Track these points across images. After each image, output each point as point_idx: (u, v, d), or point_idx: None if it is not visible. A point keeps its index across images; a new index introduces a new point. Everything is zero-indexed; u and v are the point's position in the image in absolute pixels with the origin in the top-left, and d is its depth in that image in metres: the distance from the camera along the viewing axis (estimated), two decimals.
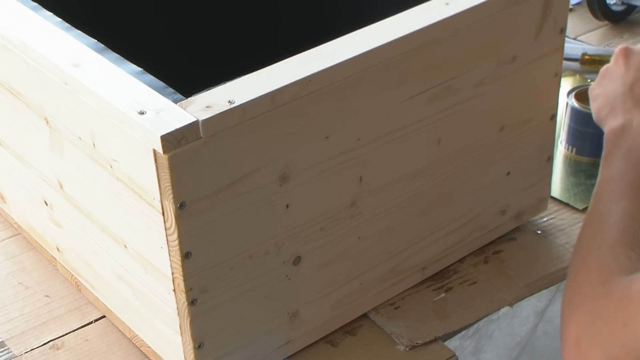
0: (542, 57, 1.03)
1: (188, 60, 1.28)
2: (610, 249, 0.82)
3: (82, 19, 0.94)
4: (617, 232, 0.84)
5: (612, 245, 0.83)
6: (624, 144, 0.92)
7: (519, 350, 1.11)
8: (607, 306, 0.77)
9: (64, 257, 1.09)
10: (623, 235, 0.83)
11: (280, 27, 1.34)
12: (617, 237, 0.83)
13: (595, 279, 0.81)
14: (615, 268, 0.80)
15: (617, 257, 0.81)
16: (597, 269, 0.81)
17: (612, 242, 0.83)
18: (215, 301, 0.87)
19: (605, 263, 0.81)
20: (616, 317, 0.75)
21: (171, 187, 0.79)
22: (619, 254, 0.81)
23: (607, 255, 0.82)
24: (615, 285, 0.78)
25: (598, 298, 0.79)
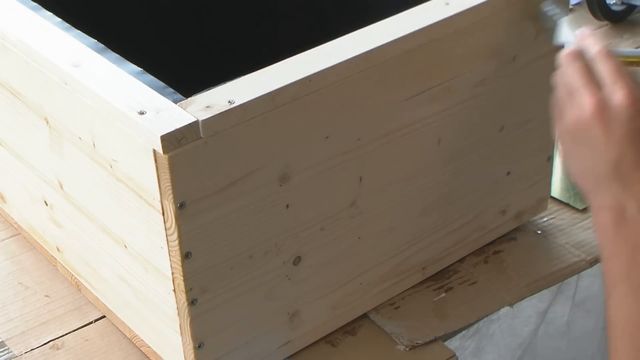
0: (542, 57, 1.03)
1: (188, 60, 1.28)
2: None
3: (82, 20, 0.94)
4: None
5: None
6: (622, 243, 0.77)
7: (520, 351, 1.11)
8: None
9: (64, 257, 1.09)
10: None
11: (280, 28, 1.34)
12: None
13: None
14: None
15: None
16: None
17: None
18: (215, 301, 0.87)
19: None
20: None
21: (171, 187, 0.79)
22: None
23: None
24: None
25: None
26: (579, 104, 0.79)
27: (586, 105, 0.78)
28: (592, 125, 0.78)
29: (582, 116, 0.78)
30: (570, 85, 0.80)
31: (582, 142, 0.79)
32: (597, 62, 0.80)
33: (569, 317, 1.16)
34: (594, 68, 0.80)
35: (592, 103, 0.78)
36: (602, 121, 0.77)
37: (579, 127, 0.79)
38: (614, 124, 0.77)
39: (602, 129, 0.77)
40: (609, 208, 0.77)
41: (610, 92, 0.78)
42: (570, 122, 0.80)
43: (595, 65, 0.80)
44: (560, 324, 1.14)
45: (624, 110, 0.77)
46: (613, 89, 0.78)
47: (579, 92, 0.79)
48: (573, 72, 0.81)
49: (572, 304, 1.15)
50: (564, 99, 0.81)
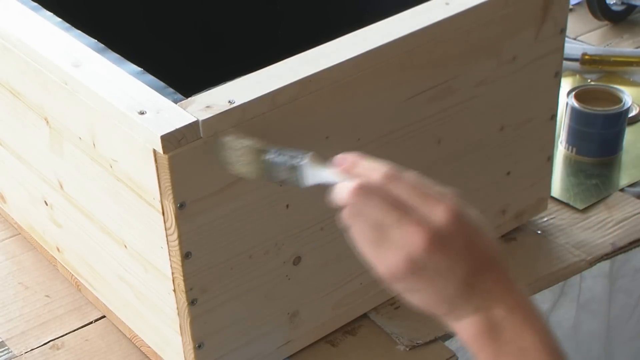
0: (542, 57, 1.03)
1: (188, 60, 1.28)
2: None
3: (82, 20, 0.94)
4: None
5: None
6: (507, 353, 0.70)
7: None
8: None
9: (64, 257, 1.09)
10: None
11: (280, 28, 1.34)
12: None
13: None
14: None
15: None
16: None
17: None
18: (215, 301, 0.87)
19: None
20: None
21: (171, 187, 0.79)
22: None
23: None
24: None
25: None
26: (402, 241, 0.67)
27: (414, 239, 0.67)
28: (430, 255, 0.67)
29: (413, 251, 0.67)
30: (378, 224, 0.68)
31: (423, 275, 0.68)
32: (391, 189, 0.69)
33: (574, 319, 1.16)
34: (393, 196, 0.68)
35: (420, 234, 0.67)
36: (438, 247, 0.67)
37: (414, 264, 0.68)
38: (450, 244, 0.68)
39: (441, 254, 0.68)
40: (476, 324, 0.70)
41: (427, 214, 0.68)
42: (400, 263, 0.68)
43: (392, 193, 0.68)
44: (567, 327, 1.14)
45: (452, 225, 0.68)
46: (430, 209, 0.68)
47: (396, 229, 0.67)
48: (376, 210, 0.68)
49: (577, 307, 1.15)
50: (373, 242, 0.69)
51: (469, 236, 0.69)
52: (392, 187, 0.69)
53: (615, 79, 1.46)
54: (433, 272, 0.68)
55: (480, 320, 0.70)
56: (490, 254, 0.70)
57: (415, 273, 0.68)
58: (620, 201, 1.21)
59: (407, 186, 0.69)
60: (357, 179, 0.69)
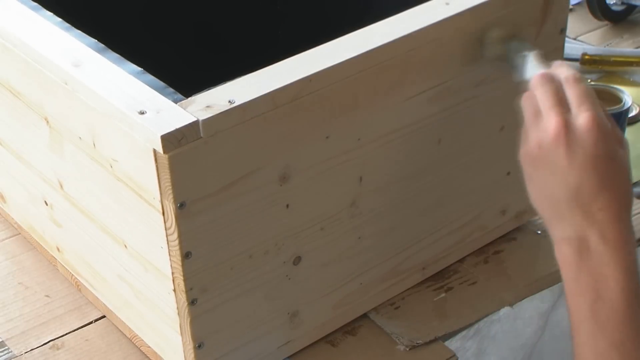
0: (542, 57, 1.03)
1: (188, 60, 1.28)
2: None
3: (82, 20, 0.94)
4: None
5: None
6: (585, 279, 0.75)
7: (523, 352, 1.11)
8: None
9: (64, 257, 1.09)
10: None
11: (280, 28, 1.34)
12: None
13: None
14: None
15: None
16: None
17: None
18: (215, 301, 0.87)
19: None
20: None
21: (171, 187, 0.79)
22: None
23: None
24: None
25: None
26: (543, 125, 0.76)
27: (550, 127, 0.75)
28: (554, 148, 0.75)
29: (544, 138, 0.76)
30: (537, 107, 0.78)
31: (543, 165, 0.76)
32: (567, 86, 0.78)
33: None
34: (564, 91, 0.78)
35: (555, 124, 0.75)
36: (564, 143, 0.74)
37: (541, 149, 0.76)
38: (576, 148, 0.74)
39: (564, 151, 0.74)
40: (571, 240, 0.75)
41: (575, 115, 0.76)
42: (532, 144, 0.77)
43: (565, 89, 0.78)
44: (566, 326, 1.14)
45: (587, 133, 0.74)
46: (578, 112, 0.76)
47: (545, 114, 0.77)
48: (542, 94, 0.78)
49: None
50: (529, 121, 0.79)
51: (598, 151, 0.74)
52: (570, 86, 0.78)
53: (615, 79, 1.46)
54: (552, 166, 0.75)
55: (574, 238, 0.74)
56: (612, 178, 0.74)
57: (538, 161, 0.76)
58: None
59: (581, 90, 0.77)
60: (547, 71, 0.81)
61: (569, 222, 0.75)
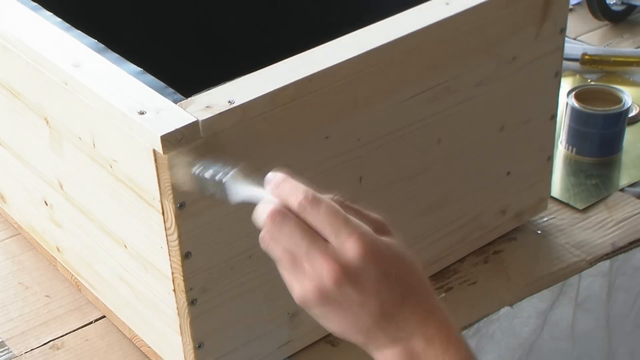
0: (542, 57, 1.03)
1: (188, 60, 1.28)
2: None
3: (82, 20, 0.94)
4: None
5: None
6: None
7: (521, 351, 1.11)
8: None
9: (64, 257, 1.09)
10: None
11: (280, 28, 1.34)
12: None
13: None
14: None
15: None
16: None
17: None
18: (215, 301, 0.87)
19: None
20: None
21: (171, 187, 0.79)
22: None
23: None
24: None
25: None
26: (312, 272, 0.66)
27: (324, 271, 0.66)
28: (340, 289, 0.66)
29: (323, 283, 0.66)
30: (291, 251, 0.67)
31: (334, 306, 0.67)
32: (307, 215, 0.67)
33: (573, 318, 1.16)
34: (308, 221, 0.67)
35: (329, 267, 0.65)
36: (348, 282, 0.66)
37: (324, 294, 0.67)
38: (361, 280, 0.66)
39: (352, 288, 0.66)
40: (396, 356, 0.68)
41: (339, 246, 0.66)
42: (310, 293, 0.67)
43: (307, 219, 0.67)
44: (565, 326, 1.14)
45: (363, 260, 0.66)
46: (340, 240, 0.66)
47: (306, 258, 0.66)
48: (288, 238, 0.67)
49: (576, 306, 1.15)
50: (288, 269, 0.68)
51: (383, 269, 0.67)
52: (309, 214, 0.67)
53: (615, 79, 1.46)
54: (345, 305, 0.67)
55: (399, 352, 0.68)
56: (407, 284, 0.69)
57: (327, 304, 0.67)
58: (620, 201, 1.21)
59: (324, 214, 0.66)
60: (276, 202, 0.67)
61: (386, 341, 0.69)
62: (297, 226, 0.66)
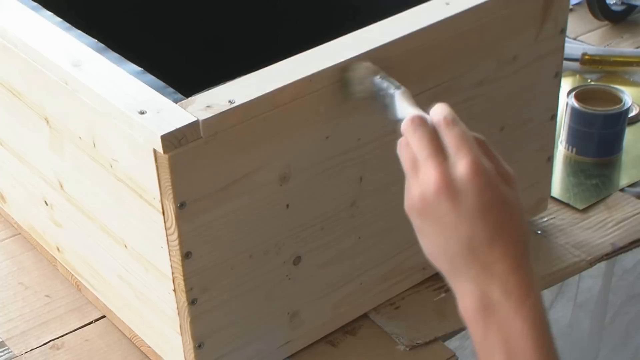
0: (542, 57, 1.03)
1: (188, 60, 1.28)
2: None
3: (82, 20, 0.94)
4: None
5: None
6: (494, 336, 0.69)
7: None
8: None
9: (64, 257, 1.09)
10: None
11: (280, 28, 1.34)
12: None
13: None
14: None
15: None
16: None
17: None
18: (215, 301, 0.87)
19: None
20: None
21: (171, 187, 0.79)
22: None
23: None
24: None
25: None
26: (423, 177, 0.70)
27: (430, 179, 0.69)
28: (438, 201, 0.69)
29: (427, 191, 0.70)
30: (414, 157, 0.72)
31: (431, 219, 0.70)
32: (441, 129, 0.72)
33: (571, 318, 1.16)
34: (438, 136, 0.72)
35: (435, 177, 0.69)
36: (447, 196, 0.68)
37: (425, 203, 0.70)
38: (460, 199, 0.68)
39: (449, 204, 0.69)
40: (473, 296, 0.69)
41: (454, 163, 0.70)
42: (416, 197, 0.71)
43: (440, 133, 0.72)
44: (563, 325, 1.14)
45: (469, 182, 0.69)
46: (456, 159, 0.70)
47: (422, 164, 0.71)
48: (416, 142, 0.72)
49: (574, 306, 1.15)
50: (409, 172, 0.72)
51: (485, 201, 0.69)
52: (443, 130, 0.72)
53: (615, 79, 1.46)
54: (440, 220, 0.70)
55: (475, 294, 0.69)
56: (504, 229, 0.70)
57: (425, 215, 0.70)
58: (620, 201, 1.21)
59: (455, 134, 0.71)
60: (422, 114, 0.73)
61: (467, 277, 0.69)
62: (427, 134, 0.72)
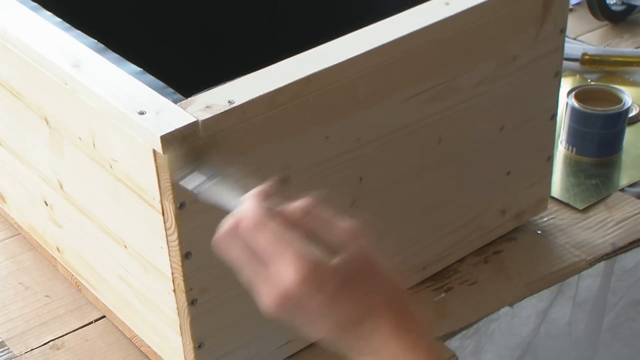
0: (542, 57, 1.03)
1: (188, 60, 1.28)
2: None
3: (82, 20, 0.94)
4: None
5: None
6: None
7: (520, 350, 1.11)
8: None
9: (64, 257, 1.09)
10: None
11: (280, 28, 1.34)
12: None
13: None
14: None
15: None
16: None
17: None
18: (215, 301, 0.87)
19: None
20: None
21: (171, 187, 0.79)
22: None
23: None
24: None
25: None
26: (261, 295, 0.67)
27: (266, 298, 0.67)
28: (287, 312, 0.67)
29: (270, 307, 0.67)
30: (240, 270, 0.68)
31: (296, 319, 0.68)
32: (252, 238, 0.67)
33: (570, 317, 1.16)
34: (253, 245, 0.67)
35: (270, 294, 0.66)
36: (292, 307, 0.66)
37: (280, 314, 0.67)
38: (303, 303, 0.65)
39: (298, 313, 0.66)
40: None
41: (276, 272, 0.66)
42: (268, 310, 0.67)
43: (255, 241, 0.67)
44: (562, 325, 1.15)
45: (300, 285, 0.65)
46: (276, 267, 0.66)
47: (253, 282, 0.68)
48: (235, 257, 0.68)
49: (574, 305, 1.15)
50: (246, 279, 0.69)
51: (327, 293, 0.66)
52: (253, 238, 0.67)
53: (615, 79, 1.46)
54: (299, 323, 0.67)
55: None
56: (362, 303, 0.67)
57: (289, 316, 0.67)
58: (620, 201, 1.21)
59: (266, 239, 0.66)
60: (231, 220, 0.67)
61: (357, 352, 0.68)
62: (241, 250, 0.67)
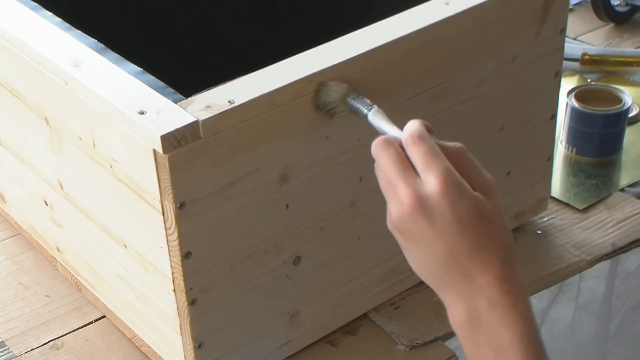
0: (542, 57, 1.03)
1: (188, 60, 1.28)
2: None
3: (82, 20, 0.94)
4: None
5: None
6: (484, 346, 0.70)
7: None
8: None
9: (64, 257, 1.09)
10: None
11: (280, 28, 1.34)
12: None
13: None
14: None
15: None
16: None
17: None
18: (215, 301, 0.87)
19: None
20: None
21: (171, 187, 0.79)
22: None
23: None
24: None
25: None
26: (397, 198, 0.71)
27: (403, 200, 0.70)
28: (413, 221, 0.70)
29: (402, 212, 0.70)
30: (387, 177, 0.72)
31: (411, 238, 0.71)
32: (408, 149, 0.72)
33: (572, 319, 1.16)
34: (406, 155, 0.72)
35: (406, 197, 0.70)
36: (422, 215, 0.69)
37: (403, 223, 0.71)
38: (435, 216, 0.69)
39: (425, 223, 0.69)
40: (459, 308, 0.70)
41: (424, 181, 0.70)
42: (395, 217, 0.71)
43: (407, 151, 0.72)
44: (564, 326, 1.14)
45: (441, 198, 0.69)
46: (426, 176, 0.70)
47: (395, 186, 0.71)
48: (384, 165, 0.72)
49: (576, 306, 1.15)
50: (386, 193, 0.73)
51: (458, 215, 0.69)
52: (409, 149, 0.72)
53: (615, 79, 1.46)
54: (419, 238, 0.70)
55: (463, 307, 0.70)
56: (485, 240, 0.70)
57: (405, 233, 0.71)
58: (620, 201, 1.21)
59: (421, 152, 0.71)
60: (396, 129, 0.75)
61: (453, 290, 0.70)
62: (393, 156, 0.72)
